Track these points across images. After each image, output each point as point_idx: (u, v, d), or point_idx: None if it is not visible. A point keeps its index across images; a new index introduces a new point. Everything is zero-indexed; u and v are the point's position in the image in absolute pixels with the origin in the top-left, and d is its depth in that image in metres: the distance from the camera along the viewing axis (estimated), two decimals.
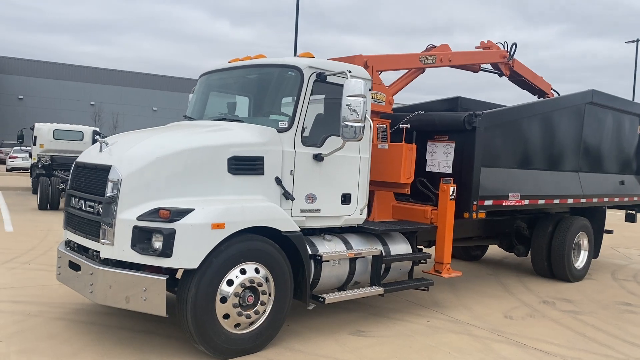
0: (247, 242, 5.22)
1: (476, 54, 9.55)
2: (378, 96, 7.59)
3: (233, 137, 5.50)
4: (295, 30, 24.58)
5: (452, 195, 7.21)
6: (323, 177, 6.03)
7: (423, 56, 8.43)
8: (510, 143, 8.20)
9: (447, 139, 7.79)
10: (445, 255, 7.25)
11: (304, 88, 5.82)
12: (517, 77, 10.54)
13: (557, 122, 9.14)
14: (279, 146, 5.64)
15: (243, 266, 5.19)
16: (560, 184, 9.21)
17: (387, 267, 6.73)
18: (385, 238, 6.83)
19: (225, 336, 5.11)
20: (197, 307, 4.90)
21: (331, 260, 5.99)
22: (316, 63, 5.94)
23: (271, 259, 5.39)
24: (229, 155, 5.33)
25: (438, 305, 7.57)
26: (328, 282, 6.13)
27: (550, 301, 8.22)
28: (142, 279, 4.87)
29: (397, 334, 6.25)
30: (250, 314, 5.24)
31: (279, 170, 5.64)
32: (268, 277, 5.38)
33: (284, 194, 5.67)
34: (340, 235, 6.40)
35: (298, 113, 5.78)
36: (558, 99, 9.64)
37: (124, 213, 4.97)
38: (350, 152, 6.29)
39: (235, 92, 6.49)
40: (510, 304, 7.89)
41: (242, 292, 5.17)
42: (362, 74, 6.40)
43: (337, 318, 6.68)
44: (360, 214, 6.49)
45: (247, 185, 5.45)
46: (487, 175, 7.72)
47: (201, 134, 5.52)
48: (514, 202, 8.25)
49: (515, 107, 8.43)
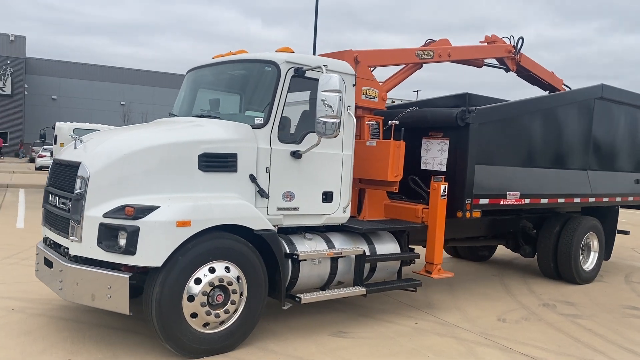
0: (216, 241, 5.14)
1: (479, 48, 9.28)
2: (370, 92, 7.43)
3: (204, 134, 5.42)
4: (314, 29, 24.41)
5: (442, 193, 7.00)
6: (302, 175, 5.91)
7: (419, 51, 8.22)
8: (509, 140, 7.92)
9: (441, 135, 7.58)
10: (436, 255, 7.04)
11: (281, 84, 5.71)
12: (524, 72, 10.20)
13: (563, 118, 8.80)
14: (254, 143, 5.54)
15: (212, 265, 5.11)
16: (566, 183, 8.87)
17: (372, 267, 6.57)
18: (371, 237, 6.67)
19: (193, 335, 5.04)
20: (162, 305, 4.85)
21: (309, 259, 5.86)
22: (293, 58, 5.82)
23: (243, 258, 5.30)
24: (199, 152, 5.25)
25: (430, 307, 7.37)
26: (308, 281, 6.01)
27: (551, 304, 7.92)
28: (106, 277, 4.84)
29: (379, 335, 6.09)
30: (219, 313, 5.16)
31: (254, 168, 5.55)
32: (240, 276, 5.29)
33: (259, 192, 5.57)
34: (324, 234, 6.27)
35: (274, 109, 5.67)
36: (563, 94, 9.29)
37: (91, 210, 4.94)
38: (331, 149, 6.15)
39: (215, 89, 6.42)
40: (507, 306, 7.62)
41: (211, 291, 5.09)
42: (344, 69, 6.25)
43: (321, 318, 6.56)
44: (343, 212, 6.35)
45: (219, 183, 5.37)
46: (483, 173, 7.47)
47: (173, 131, 5.47)
48: (513, 201, 7.97)
49: (514, 103, 8.16)
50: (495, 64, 9.88)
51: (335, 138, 6.11)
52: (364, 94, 7.32)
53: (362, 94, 7.30)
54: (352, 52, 7.22)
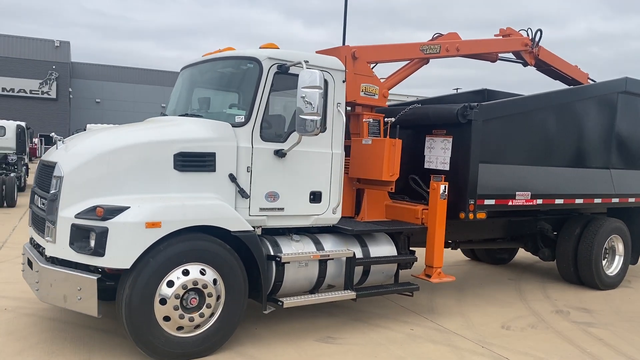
0: (191, 242, 5.00)
1: (491, 42, 8.85)
2: (370, 89, 7.17)
3: (180, 133, 5.30)
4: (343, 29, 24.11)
5: (442, 193, 6.67)
6: (287, 174, 5.72)
7: (424, 46, 7.89)
8: (519, 137, 7.50)
9: (444, 133, 7.25)
10: (435, 258, 6.71)
11: (263, 81, 5.54)
12: (544, 66, 9.70)
13: (582, 114, 8.30)
14: (233, 142, 5.38)
15: (186, 267, 4.97)
16: (585, 182, 8.36)
17: (365, 270, 6.32)
18: (366, 239, 6.42)
19: (166, 339, 4.91)
20: (131, 308, 4.74)
21: (294, 261, 5.66)
22: (277, 54, 5.63)
23: (220, 260, 5.14)
24: (175, 151, 5.13)
25: (432, 312, 7.05)
26: (294, 284, 5.81)
27: (565, 310, 7.47)
28: (77, 278, 4.77)
29: (368, 342, 5.83)
30: (194, 317, 5.02)
31: (234, 167, 5.39)
32: (217, 279, 5.14)
33: (239, 192, 5.41)
34: (313, 236, 6.06)
35: (256, 107, 5.50)
36: (582, 88, 8.77)
37: (65, 210, 4.89)
38: (319, 148, 5.94)
39: (202, 87, 6.29)
40: (515, 313, 7.22)
41: (185, 294, 4.96)
42: (333, 65, 6.04)
43: (313, 323, 6.35)
44: (333, 213, 6.12)
45: (196, 183, 5.23)
46: (488, 173, 7.09)
47: (150, 130, 5.38)
48: (523, 201, 7.55)
49: (524, 98, 7.74)
50: (512, 58, 9.45)
51: (324, 136, 5.97)
52: (362, 90, 7.07)
53: (361, 91, 7.05)
54: (349, 48, 6.97)
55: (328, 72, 5.98)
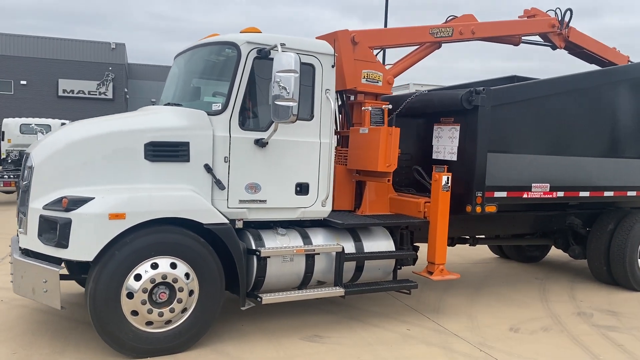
0: (160, 235, 4.83)
1: (513, 24, 8.25)
2: (372, 75, 6.80)
3: (152, 122, 5.14)
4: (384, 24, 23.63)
5: (445, 185, 6.22)
6: (269, 165, 5.46)
7: (435, 29, 7.42)
8: (536, 125, 6.91)
9: (452, 121, 6.78)
10: (437, 254, 6.27)
11: (241, 66, 5.29)
12: (576, 49, 9.00)
13: (612, 98, 7.60)
14: (209, 130, 5.17)
15: (155, 260, 4.80)
16: (617, 173, 7.66)
17: (358, 266, 5.97)
18: (360, 234, 6.07)
19: (134, 334, 4.76)
20: (96, 301, 4.62)
21: (276, 256, 5.39)
22: (256, 38, 5.37)
23: (193, 254, 4.95)
24: (145, 140, 4.96)
25: (437, 312, 6.61)
26: (279, 280, 5.53)
27: (588, 312, 6.85)
28: (42, 270, 4.69)
29: (357, 342, 5.50)
30: (163, 312, 4.84)
31: (209, 157, 5.17)
32: (189, 274, 4.94)
33: (216, 183, 5.19)
34: (302, 230, 5.78)
35: (234, 94, 5.26)
36: (611, 71, 8.03)
37: (35, 201, 4.82)
38: (306, 137, 5.65)
39: (186, 75, 6.08)
40: (530, 314, 6.68)
41: (154, 288, 4.80)
42: (321, 49, 5.71)
43: (303, 320, 6.06)
44: (322, 206, 5.81)
45: (169, 173, 5.05)
46: (498, 163, 6.58)
47: (122, 119, 5.25)
48: (541, 194, 6.97)
49: (541, 82, 7.14)
50: (538, 41, 8.81)
51: (311, 125, 5.68)
52: (364, 77, 6.72)
53: (363, 78, 6.70)
54: (348, 32, 6.62)
55: (315, 57, 5.67)
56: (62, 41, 47.72)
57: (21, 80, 45.26)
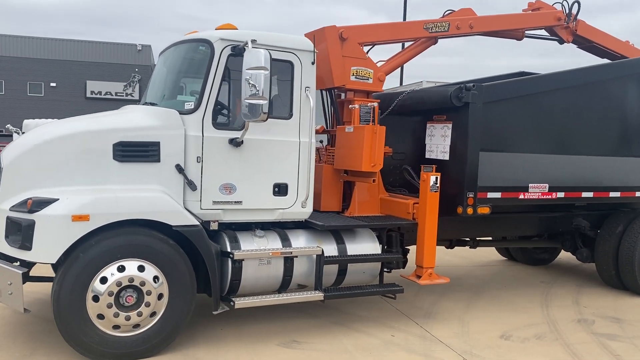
0: (127, 237, 4.73)
1: (515, 17, 7.92)
2: (362, 72, 6.60)
3: (121, 122, 5.04)
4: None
5: (433, 185, 5.98)
6: (245, 165, 5.30)
7: (429, 23, 7.15)
8: (532, 122, 6.59)
9: (444, 119, 6.53)
10: (426, 257, 6.03)
11: (214, 64, 5.15)
12: (585, 42, 8.61)
13: (618, 94, 7.23)
14: (180, 130, 5.04)
15: (122, 263, 4.70)
16: (623, 173, 7.28)
17: (341, 269, 5.77)
18: (344, 236, 5.87)
19: (101, 338, 4.67)
20: (60, 304, 4.54)
21: (251, 259, 5.24)
22: (230, 35, 5.21)
23: (162, 257, 4.83)
24: (114, 140, 4.86)
25: (428, 317, 6.36)
26: (256, 283, 5.38)
27: (590, 319, 6.52)
28: (6, 272, 4.62)
29: (336, 348, 5.31)
30: (130, 316, 4.73)
31: (181, 157, 5.05)
32: (158, 277, 4.82)
33: (187, 183, 5.07)
34: (282, 231, 5.61)
35: (207, 92, 5.13)
36: (617, 65, 7.66)
37: (3, 203, 4.77)
38: (284, 136, 5.48)
39: (164, 73, 5.96)
40: (527, 320, 6.38)
41: (121, 291, 4.69)
42: (299, 45, 5.52)
43: (286, 324, 5.90)
44: (303, 206, 5.62)
45: (139, 174, 4.94)
46: (492, 162, 6.30)
47: (92, 119, 5.15)
48: (539, 194, 6.65)
49: (538, 78, 6.78)
50: (544, 35, 8.45)
51: (290, 123, 5.52)
52: (353, 74, 6.52)
53: (352, 75, 6.51)
54: (336, 28, 6.43)
55: (293, 53, 5.49)
56: (90, 44, 48.58)
57: (51, 83, 46.21)
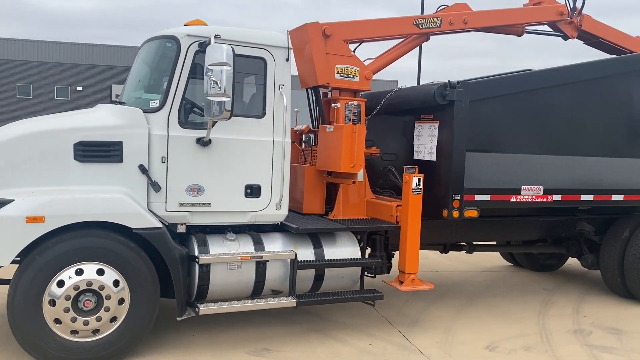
0: (86, 239, 4.59)
1: (512, 12, 7.56)
2: (348, 70, 6.38)
3: (83, 121, 4.91)
4: None
5: (415, 187, 5.70)
6: (214, 165, 5.12)
7: (420, 19, 6.89)
8: (525, 121, 6.26)
9: (431, 118, 6.26)
10: (408, 262, 5.76)
11: (180, 61, 4.99)
12: (591, 38, 8.21)
13: (621, 92, 6.84)
14: (144, 129, 4.89)
15: (80, 266, 4.56)
16: (627, 175, 6.88)
17: (318, 275, 5.54)
18: (322, 239, 5.64)
19: (58, 343, 4.53)
20: (15, 308, 4.42)
21: (218, 263, 5.05)
22: (198, 31, 5.04)
23: (122, 260, 4.67)
24: (75, 140, 4.73)
25: (413, 325, 6.08)
26: (226, 289, 5.18)
27: (587, 330, 6.15)
28: None
29: (308, 357, 5.09)
30: (89, 321, 4.58)
31: (144, 157, 4.89)
32: (119, 281, 4.67)
33: (151, 185, 4.91)
34: (256, 235, 5.41)
35: (172, 90, 4.97)
36: (619, 60, 7.23)
37: None
38: (257, 136, 5.28)
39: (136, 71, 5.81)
40: (518, 330, 6.04)
41: (79, 295, 4.55)
42: (272, 41, 5.32)
43: (262, 331, 5.69)
44: (277, 209, 5.41)
45: (101, 175, 4.80)
46: (480, 163, 6.01)
47: (54, 118, 5.04)
48: (533, 197, 6.31)
49: (531, 74, 6.45)
50: (546, 31, 8.09)
51: (262, 122, 5.33)
52: (338, 72, 6.30)
53: (336, 73, 6.29)
54: (319, 25, 6.22)
55: (266, 50, 5.30)
56: (115, 48, 49.31)
57: (77, 87, 46.99)
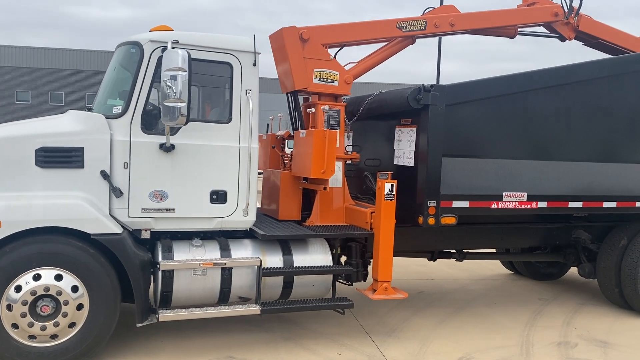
0: (44, 245, 4.62)
1: (503, 14, 7.34)
2: (326, 75, 6.31)
3: (45, 127, 4.94)
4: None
5: (388, 194, 5.56)
6: (178, 171, 5.10)
7: (403, 22, 6.74)
8: (506, 125, 6.07)
9: (410, 122, 6.12)
10: (380, 270, 5.61)
11: (144, 66, 5.00)
12: (591, 39, 7.94)
13: (614, 93, 6.57)
14: (106, 135, 4.90)
15: (38, 271, 4.59)
16: (620, 181, 6.60)
17: (287, 282, 5.46)
18: (292, 246, 5.56)
19: (16, 348, 4.56)
20: None
21: (181, 269, 5.01)
22: (162, 37, 5.03)
23: (81, 266, 4.68)
24: (36, 146, 4.77)
25: (389, 334, 5.93)
26: (190, 295, 5.14)
27: (572, 342, 5.90)
28: None
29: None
30: (46, 326, 4.60)
31: (106, 163, 4.90)
32: (78, 286, 4.68)
33: (113, 190, 4.91)
34: (224, 241, 5.37)
35: (135, 95, 4.98)
36: (610, 61, 6.94)
37: None
38: (223, 141, 5.25)
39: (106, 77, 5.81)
40: (497, 342, 5.84)
41: (36, 300, 4.58)
42: (237, 46, 5.29)
43: (231, 338, 5.63)
44: (244, 215, 5.36)
45: (62, 180, 4.82)
46: (457, 168, 5.84)
47: (18, 125, 5.10)
48: (516, 204, 6.10)
49: (514, 76, 6.18)
50: (542, 32, 7.85)
51: (228, 128, 5.30)
52: (316, 77, 6.24)
53: (315, 77, 6.22)
54: (296, 29, 6.16)
55: (232, 55, 5.27)
56: None
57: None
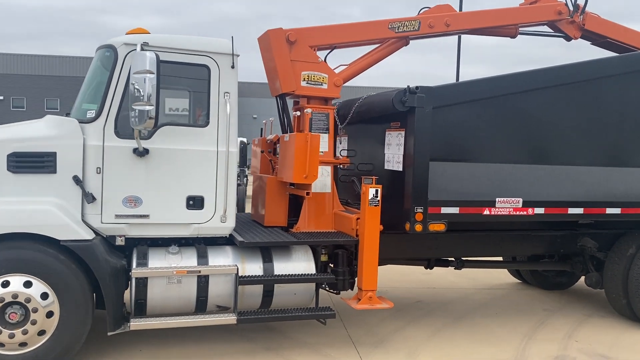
0: (12, 251, 4.56)
1: (502, 13, 7.05)
2: (315, 77, 6.15)
3: (17, 132, 4.90)
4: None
5: (372, 199, 5.36)
6: (152, 176, 4.99)
7: (395, 23, 6.54)
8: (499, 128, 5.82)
9: (399, 126, 5.91)
10: (365, 279, 5.41)
11: (117, 70, 4.93)
12: (597, 38, 7.62)
13: (616, 95, 6.25)
14: (79, 140, 4.83)
15: (6, 278, 4.53)
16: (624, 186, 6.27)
17: (267, 291, 5.29)
18: (274, 254, 5.40)
19: None
20: None
21: (155, 277, 4.89)
22: (135, 39, 4.94)
23: (51, 272, 4.61)
24: (8, 151, 4.72)
25: (377, 345, 5.71)
26: (166, 304, 5.01)
27: (570, 356, 5.60)
28: None
29: None
30: (14, 333, 4.53)
31: (79, 168, 4.82)
32: (48, 293, 4.60)
33: (85, 196, 4.83)
34: (201, 248, 5.24)
35: (109, 100, 4.91)
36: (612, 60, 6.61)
37: None
38: (199, 145, 5.13)
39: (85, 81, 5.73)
40: (491, 355, 5.57)
41: (3, 307, 4.52)
42: (215, 48, 5.17)
43: (212, 347, 5.49)
44: (222, 221, 5.22)
45: (34, 186, 4.76)
46: (446, 173, 5.61)
47: None
48: (510, 210, 5.83)
49: (502, 78, 5.92)
50: (545, 32, 7.56)
51: (206, 132, 5.18)
52: (304, 79, 6.09)
53: (302, 80, 6.08)
54: (282, 31, 6.02)
55: (209, 57, 5.16)
56: None
57: None
